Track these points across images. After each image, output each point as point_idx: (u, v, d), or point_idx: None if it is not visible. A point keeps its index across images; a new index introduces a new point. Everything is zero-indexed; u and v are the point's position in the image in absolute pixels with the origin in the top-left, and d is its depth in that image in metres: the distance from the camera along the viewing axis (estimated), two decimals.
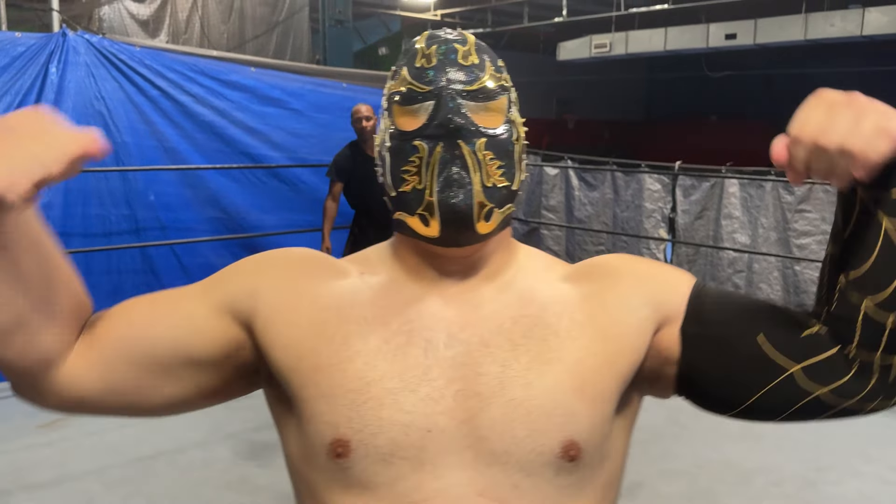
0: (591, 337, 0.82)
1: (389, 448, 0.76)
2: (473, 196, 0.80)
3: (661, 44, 12.36)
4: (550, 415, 0.78)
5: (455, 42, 0.85)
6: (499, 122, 0.84)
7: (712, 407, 0.86)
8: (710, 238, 5.85)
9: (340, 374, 0.79)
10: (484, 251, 0.85)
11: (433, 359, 0.80)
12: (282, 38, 8.61)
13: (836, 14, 10.24)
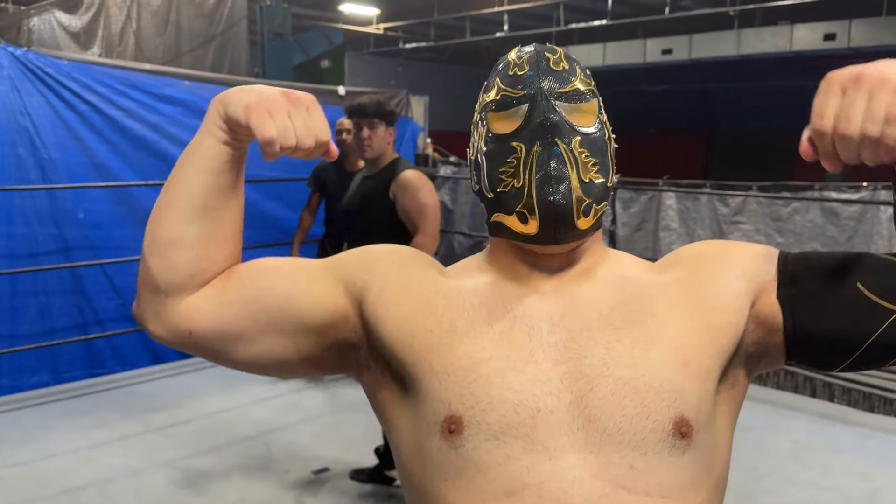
0: (689, 315, 0.84)
1: (500, 426, 0.77)
2: (572, 191, 0.83)
3: (600, 59, 12.59)
4: (659, 391, 0.78)
5: (546, 51, 0.89)
6: (592, 122, 0.88)
7: (826, 363, 0.86)
8: (650, 250, 5.93)
9: (451, 353, 0.81)
10: (580, 248, 0.89)
11: (537, 343, 0.82)
12: (219, 52, 8.45)
13: (767, 30, 10.59)
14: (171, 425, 4.01)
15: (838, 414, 4.29)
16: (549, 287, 0.87)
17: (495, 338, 0.82)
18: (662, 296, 0.86)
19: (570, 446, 0.77)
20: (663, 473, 0.77)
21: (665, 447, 0.77)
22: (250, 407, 4.32)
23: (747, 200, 5.37)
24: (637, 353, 0.81)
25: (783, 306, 0.85)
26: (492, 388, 0.78)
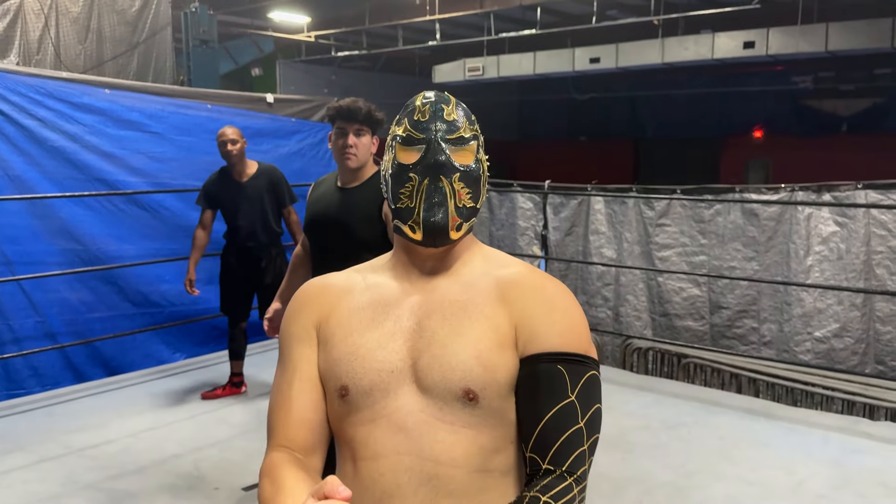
0: (489, 327, 1.15)
1: (369, 384, 1.15)
2: (448, 214, 1.16)
3: (530, 67, 12.77)
4: (454, 369, 1.12)
5: (442, 102, 1.20)
6: (471, 160, 1.19)
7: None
8: (580, 253, 6.03)
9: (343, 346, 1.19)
10: (451, 250, 1.22)
11: (398, 327, 1.18)
12: (143, 59, 8.22)
13: (690, 38, 10.92)
14: (93, 446, 3.85)
15: (763, 409, 4.42)
16: (420, 283, 1.21)
17: (372, 327, 1.19)
18: (483, 307, 1.17)
19: (408, 392, 1.14)
20: (461, 415, 1.12)
21: (459, 402, 1.12)
22: (178, 424, 4.18)
23: (672, 203, 5.51)
24: (448, 340, 1.14)
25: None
26: (364, 363, 1.16)
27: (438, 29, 12.53)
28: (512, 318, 1.15)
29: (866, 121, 16.09)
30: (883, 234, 4.82)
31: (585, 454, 1.10)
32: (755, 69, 15.46)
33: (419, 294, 1.20)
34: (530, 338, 1.14)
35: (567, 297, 1.19)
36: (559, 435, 1.09)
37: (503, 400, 1.13)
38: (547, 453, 1.09)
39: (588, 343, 1.18)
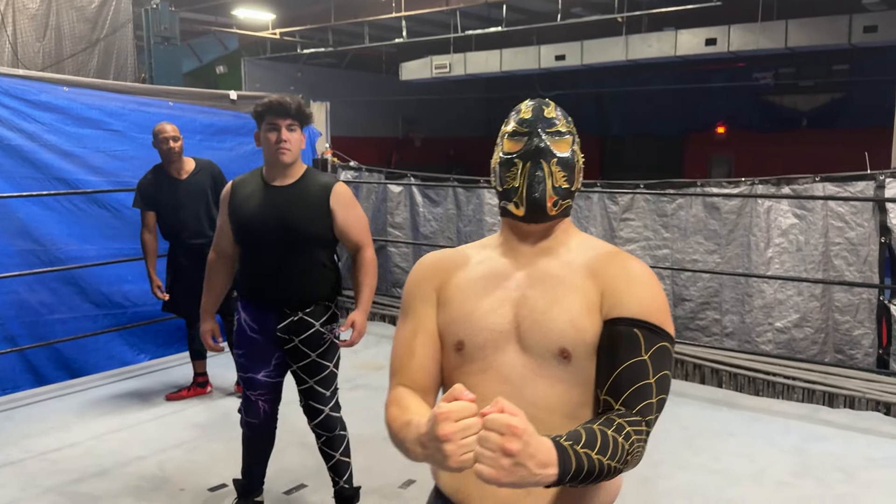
0: (581, 297, 1.34)
1: (482, 342, 1.37)
2: (546, 192, 1.37)
3: (496, 65, 12.81)
4: (552, 331, 1.33)
5: (543, 105, 1.44)
6: (567, 150, 1.41)
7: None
8: None
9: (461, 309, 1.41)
10: (550, 228, 1.43)
11: (506, 296, 1.39)
12: (104, 57, 8.09)
13: (653, 36, 11.05)
14: (55, 449, 3.79)
15: (726, 399, 4.50)
16: (524, 261, 1.42)
17: (484, 295, 1.40)
18: (576, 280, 1.36)
19: (513, 350, 1.36)
20: (556, 371, 1.33)
21: (555, 360, 1.33)
22: (142, 426, 4.13)
23: (635, 198, 5.57)
24: (547, 307, 1.35)
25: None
26: (479, 324, 1.38)
27: (405, 26, 12.51)
28: (599, 288, 1.34)
29: (825, 116, 16.42)
30: (840, 226, 4.93)
31: (653, 406, 1.25)
32: (717, 66, 15.68)
33: (524, 270, 1.41)
34: (613, 304, 1.32)
35: (648, 275, 1.37)
36: (631, 385, 1.26)
37: (590, 360, 1.32)
38: (619, 397, 1.25)
39: (664, 318, 1.33)
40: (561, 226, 1.44)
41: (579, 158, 1.44)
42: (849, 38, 9.78)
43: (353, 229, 2.90)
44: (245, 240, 2.85)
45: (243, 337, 2.94)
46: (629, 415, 1.22)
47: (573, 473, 1.09)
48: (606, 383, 1.28)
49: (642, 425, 1.21)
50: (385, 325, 6.34)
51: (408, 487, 3.38)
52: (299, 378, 2.95)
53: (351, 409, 4.37)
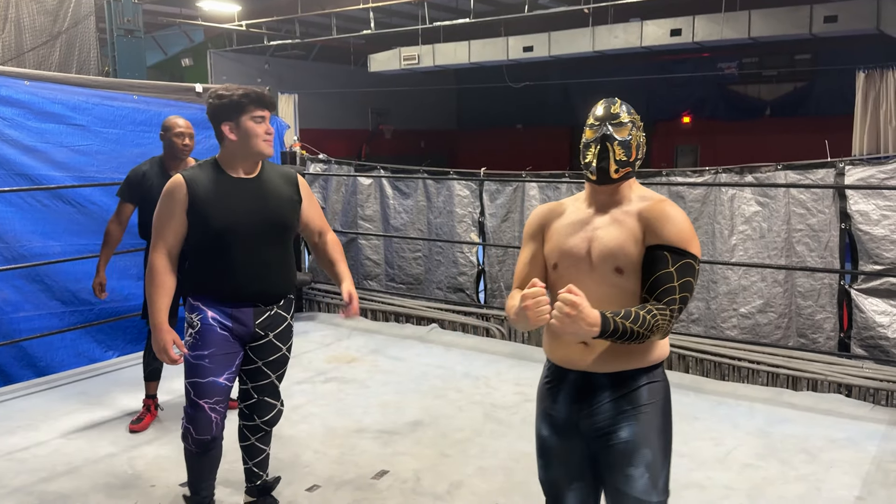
0: (631, 233, 1.95)
1: (570, 262, 2.00)
2: (610, 164, 1.96)
3: (465, 56, 12.82)
4: (610, 255, 1.95)
5: (612, 104, 2.03)
6: (626, 135, 1.99)
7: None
8: (517, 239, 6.11)
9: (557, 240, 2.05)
10: (616, 188, 2.00)
11: (584, 234, 2.00)
12: (66, 50, 7.94)
13: (619, 27, 11.13)
14: (22, 448, 3.74)
15: (692, 384, 4.58)
16: (598, 209, 2.03)
17: (572, 235, 2.03)
18: (627, 221, 1.96)
19: (586, 268, 1.98)
20: (613, 280, 1.96)
21: (612, 273, 1.95)
22: (111, 423, 4.09)
23: None
24: (608, 240, 1.96)
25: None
26: (567, 252, 2.01)
27: (373, 17, 12.45)
28: (643, 227, 1.94)
29: (788, 105, 16.70)
30: (802, 213, 5.04)
31: (676, 300, 1.88)
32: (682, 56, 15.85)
33: (598, 216, 2.02)
34: (651, 236, 1.92)
35: (677, 214, 1.94)
36: (660, 286, 1.88)
37: (636, 274, 1.94)
38: (652, 294, 1.89)
39: (688, 243, 1.91)
40: (625, 185, 2.02)
41: (637, 137, 2.01)
42: (810, 27, 9.96)
43: (317, 216, 2.96)
44: (221, 236, 2.71)
45: (212, 338, 2.73)
46: (657, 304, 1.87)
47: (610, 332, 1.77)
48: (645, 287, 1.92)
49: (665, 310, 1.86)
50: (357, 317, 6.33)
51: (381, 478, 3.40)
52: (262, 374, 2.89)
53: (325, 401, 4.39)
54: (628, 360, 1.95)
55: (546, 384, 2.15)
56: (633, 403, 1.96)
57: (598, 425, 1.98)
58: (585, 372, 1.99)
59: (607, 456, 1.98)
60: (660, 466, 1.98)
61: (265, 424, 3.00)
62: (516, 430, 3.92)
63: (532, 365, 4.95)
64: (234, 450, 3.70)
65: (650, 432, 1.96)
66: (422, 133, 20.69)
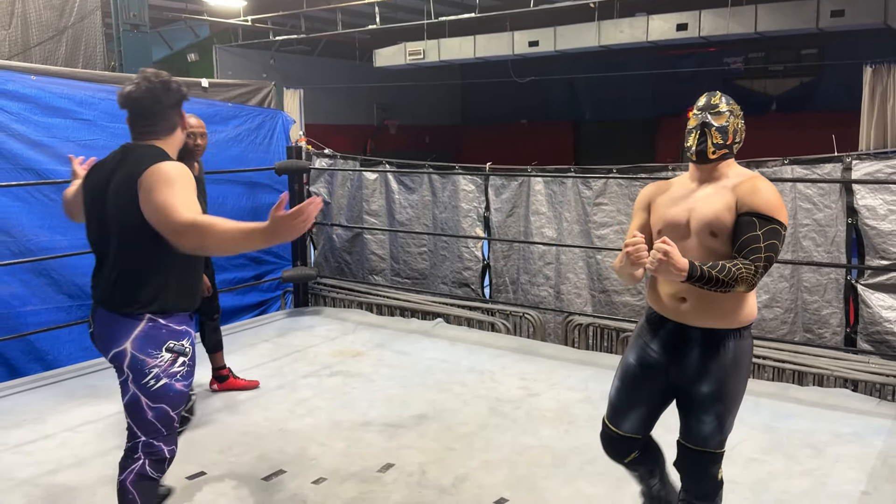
0: (725, 203, 2.27)
1: (670, 229, 2.35)
2: (708, 146, 2.32)
3: (471, 51, 12.79)
4: (708, 221, 2.29)
5: (713, 96, 2.38)
6: (723, 122, 2.34)
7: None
8: (522, 234, 6.11)
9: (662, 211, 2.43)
10: (714, 166, 2.36)
11: (685, 205, 2.37)
12: (72, 44, 7.96)
13: (625, 21, 11.09)
14: (30, 441, 3.76)
15: None
16: (699, 184, 2.38)
17: (674, 206, 2.39)
18: (723, 194, 2.30)
19: (685, 233, 2.34)
20: (709, 243, 2.30)
21: (708, 236, 2.29)
22: (119, 416, 4.10)
23: (608, 183, 5.62)
24: (706, 210, 2.30)
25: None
26: (671, 219, 2.37)
27: (378, 12, 12.44)
28: (735, 198, 2.27)
29: (794, 100, 16.62)
30: (808, 208, 5.02)
31: (761, 258, 2.17)
32: (688, 51, 15.80)
33: (698, 189, 2.37)
34: (741, 205, 2.25)
35: (766, 187, 2.26)
36: (747, 246, 2.19)
37: (728, 239, 2.26)
38: (740, 253, 2.20)
39: (775, 212, 2.22)
40: (723, 164, 2.37)
41: (734, 124, 2.35)
42: (817, 22, 9.91)
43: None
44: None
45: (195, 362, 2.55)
46: (743, 260, 2.18)
47: (696, 277, 2.12)
48: (734, 248, 2.23)
49: (750, 266, 2.16)
50: (362, 312, 6.35)
51: (386, 471, 3.41)
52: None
53: (330, 395, 4.40)
54: (720, 318, 2.29)
55: (647, 327, 2.48)
56: (718, 362, 2.30)
57: (684, 374, 2.36)
58: (682, 323, 2.34)
59: (687, 400, 2.39)
60: (728, 418, 2.36)
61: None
62: (521, 424, 3.93)
63: (537, 359, 4.95)
64: (239, 442, 3.72)
65: (727, 389, 2.32)
66: (426, 128, 20.66)
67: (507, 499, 3.15)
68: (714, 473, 2.44)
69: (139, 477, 2.45)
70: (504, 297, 6.30)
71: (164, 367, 2.39)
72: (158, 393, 2.39)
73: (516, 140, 19.93)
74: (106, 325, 2.43)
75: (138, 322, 2.37)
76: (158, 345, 2.39)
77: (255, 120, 6.42)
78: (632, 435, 2.54)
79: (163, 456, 2.49)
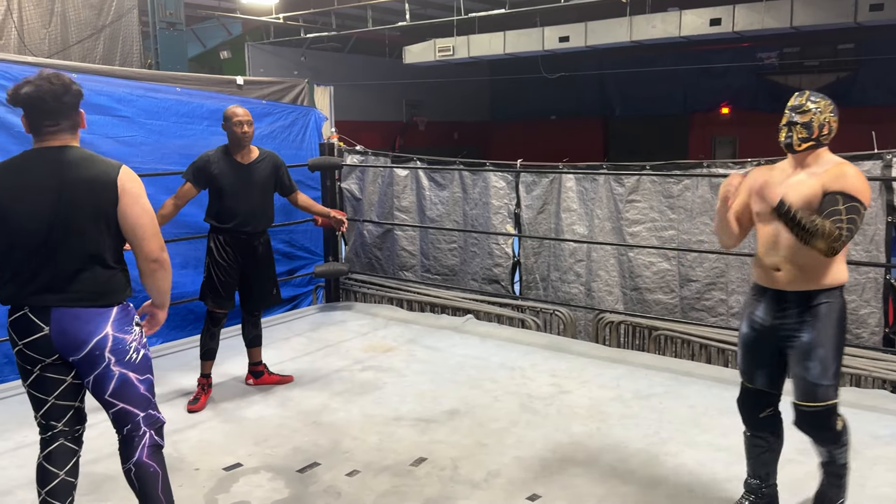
0: (816, 185, 2.61)
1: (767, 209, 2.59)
2: (794, 140, 2.67)
3: (500, 47, 12.76)
4: (804, 199, 2.61)
5: (800, 96, 2.70)
6: (808, 119, 2.64)
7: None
8: (552, 231, 6.10)
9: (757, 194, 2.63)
10: (804, 156, 2.70)
11: (781, 189, 2.61)
12: (110, 43, 8.11)
13: (657, 16, 10.99)
14: None
15: (732, 378, 4.52)
16: (793, 171, 2.73)
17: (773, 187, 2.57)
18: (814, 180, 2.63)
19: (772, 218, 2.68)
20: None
21: (809, 210, 2.58)
22: None
23: (641, 180, 5.58)
24: (802, 191, 2.63)
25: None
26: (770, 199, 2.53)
27: (408, 9, 12.47)
28: (823, 182, 2.59)
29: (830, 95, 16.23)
30: None
31: (843, 228, 2.49)
32: (721, 46, 15.59)
33: (792, 175, 2.70)
34: (827, 188, 2.57)
35: (851, 171, 2.58)
36: (830, 217, 2.50)
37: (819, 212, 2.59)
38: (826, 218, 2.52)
39: (858, 192, 2.54)
40: (813, 153, 2.68)
41: (818, 120, 2.64)
42: (854, 16, 9.72)
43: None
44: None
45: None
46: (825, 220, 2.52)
47: (783, 212, 2.49)
48: (822, 214, 2.52)
49: (833, 227, 2.47)
50: (393, 307, 6.39)
51: (419, 465, 3.44)
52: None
53: (363, 389, 4.45)
54: (810, 282, 2.67)
55: (752, 297, 2.88)
56: (813, 315, 2.68)
57: (786, 330, 2.73)
58: (780, 290, 2.74)
59: (792, 351, 2.73)
60: (830, 361, 2.66)
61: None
62: (552, 421, 3.93)
63: (567, 357, 4.95)
64: (274, 435, 3.78)
65: (824, 337, 2.67)
66: (455, 125, 20.67)
67: (540, 495, 3.16)
68: (831, 426, 2.75)
69: (152, 449, 2.57)
70: (534, 295, 6.30)
71: (138, 339, 2.57)
72: (141, 364, 2.55)
73: (545, 136, 19.85)
74: (73, 321, 2.45)
75: (111, 309, 2.51)
76: (130, 321, 2.57)
77: (288, 117, 6.48)
78: (764, 389, 2.89)
79: (162, 421, 2.63)
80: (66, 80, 2.52)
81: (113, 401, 2.52)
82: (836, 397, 2.72)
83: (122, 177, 2.50)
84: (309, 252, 6.80)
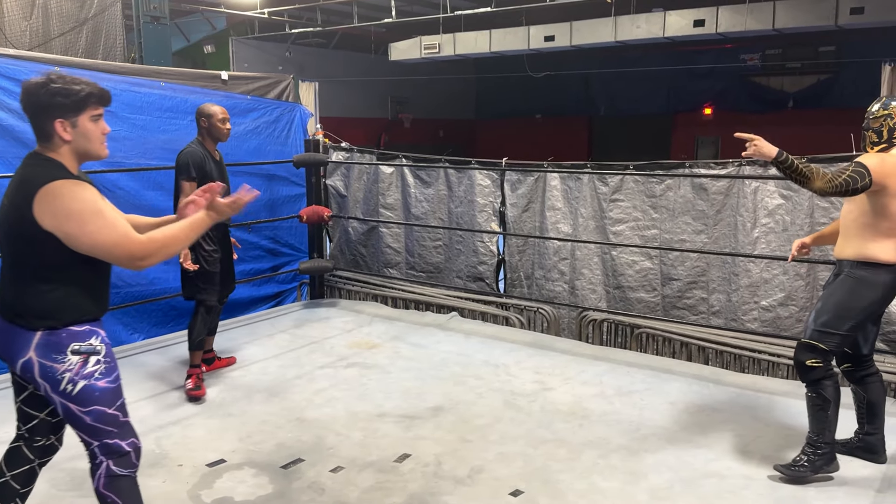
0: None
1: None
2: (867, 142, 3.23)
3: (486, 45, 12.79)
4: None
5: (875, 103, 3.23)
6: (877, 125, 3.18)
7: None
8: (537, 229, 6.13)
9: None
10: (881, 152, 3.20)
11: None
12: (92, 36, 8.04)
13: (641, 17, 11.06)
14: None
15: (712, 375, 4.60)
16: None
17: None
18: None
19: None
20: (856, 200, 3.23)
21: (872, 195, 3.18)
22: (138, 403, 4.17)
23: (624, 179, 5.63)
24: None
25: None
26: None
27: (394, 6, 12.45)
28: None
29: (811, 97, 16.51)
30: (826, 206, 5.01)
31: (841, 176, 2.98)
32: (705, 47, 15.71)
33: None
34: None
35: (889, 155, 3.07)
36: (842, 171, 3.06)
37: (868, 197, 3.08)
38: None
39: (868, 160, 3.04)
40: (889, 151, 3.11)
41: (887, 125, 3.11)
42: (835, 19, 9.84)
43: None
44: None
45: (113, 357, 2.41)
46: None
47: (780, 160, 2.98)
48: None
49: (828, 174, 3.00)
50: (378, 304, 6.40)
51: (403, 461, 3.45)
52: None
53: (347, 385, 4.45)
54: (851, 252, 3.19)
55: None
56: (839, 279, 3.24)
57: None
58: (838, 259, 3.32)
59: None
60: (825, 314, 3.18)
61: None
62: (536, 417, 3.96)
63: (551, 354, 4.98)
64: (258, 431, 3.78)
65: (833, 297, 3.22)
66: (440, 122, 20.68)
67: (523, 491, 3.19)
68: (801, 360, 3.22)
69: (109, 479, 2.39)
70: (518, 292, 6.33)
71: (75, 369, 2.27)
72: (81, 397, 2.28)
73: (530, 135, 19.91)
74: (3, 334, 2.32)
75: (34, 333, 2.26)
76: (61, 349, 2.26)
77: (273, 113, 6.47)
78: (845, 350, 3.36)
79: (124, 451, 2.40)
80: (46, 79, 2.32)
81: (69, 424, 2.39)
82: (820, 343, 3.18)
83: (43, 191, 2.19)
84: (293, 248, 6.79)
